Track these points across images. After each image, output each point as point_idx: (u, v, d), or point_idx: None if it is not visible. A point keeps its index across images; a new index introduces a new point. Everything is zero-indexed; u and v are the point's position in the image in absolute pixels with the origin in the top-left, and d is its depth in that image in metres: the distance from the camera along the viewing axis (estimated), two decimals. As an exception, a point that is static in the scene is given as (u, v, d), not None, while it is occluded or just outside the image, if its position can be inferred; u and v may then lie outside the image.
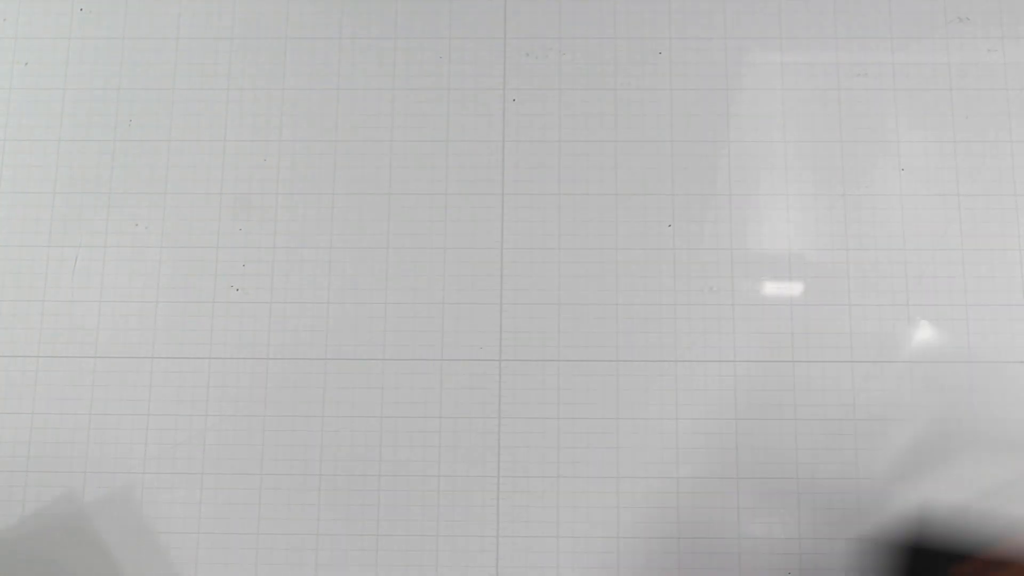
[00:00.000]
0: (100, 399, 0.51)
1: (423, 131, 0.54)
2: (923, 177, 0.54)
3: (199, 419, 0.51)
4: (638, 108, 0.54)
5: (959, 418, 0.51)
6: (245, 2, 0.56)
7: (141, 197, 0.53)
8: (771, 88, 0.55)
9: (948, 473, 0.49)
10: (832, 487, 0.49)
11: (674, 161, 0.54)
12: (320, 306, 0.52)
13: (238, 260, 0.53)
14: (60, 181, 0.54)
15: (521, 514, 0.50)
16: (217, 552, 0.49)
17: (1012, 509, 0.47)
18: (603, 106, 0.54)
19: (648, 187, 0.49)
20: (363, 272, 0.52)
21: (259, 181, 0.53)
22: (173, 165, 0.54)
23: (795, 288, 0.52)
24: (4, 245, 0.53)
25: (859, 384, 0.51)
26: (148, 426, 0.51)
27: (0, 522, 0.50)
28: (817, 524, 0.50)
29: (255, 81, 0.55)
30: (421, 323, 0.52)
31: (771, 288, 0.52)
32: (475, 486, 0.50)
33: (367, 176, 0.53)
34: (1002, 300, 0.52)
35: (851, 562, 0.47)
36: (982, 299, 0.52)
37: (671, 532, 0.49)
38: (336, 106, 0.54)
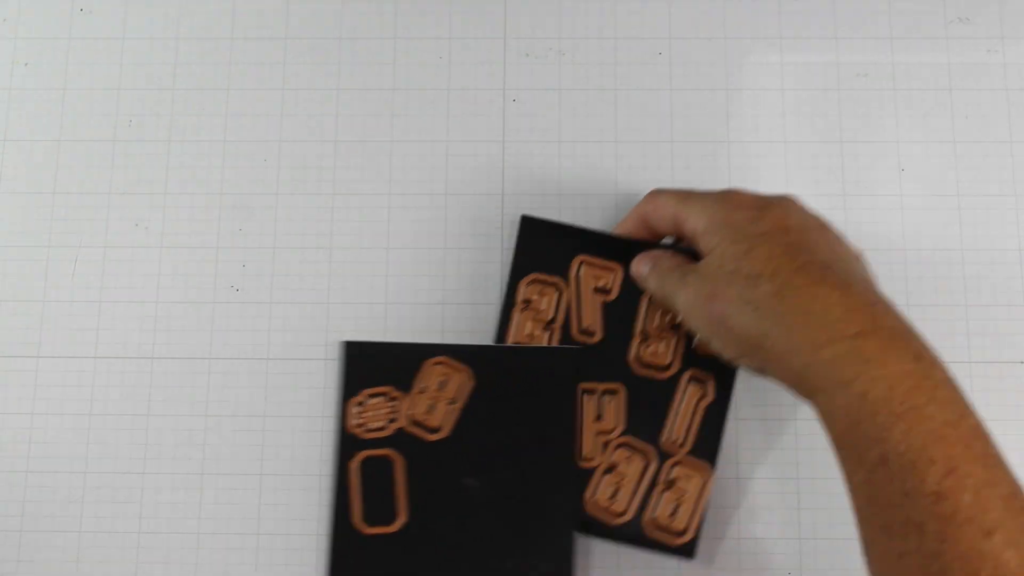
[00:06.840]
0: (100, 399, 0.51)
1: (423, 131, 0.54)
2: (923, 177, 0.54)
3: (199, 419, 0.51)
4: (638, 108, 0.54)
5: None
6: (245, 2, 0.56)
7: (141, 197, 0.53)
8: (771, 88, 0.55)
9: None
10: (832, 487, 0.49)
11: (674, 161, 0.54)
12: (320, 306, 0.52)
13: (238, 260, 0.53)
14: (60, 181, 0.53)
15: (521, 514, 0.50)
16: (217, 552, 0.49)
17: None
18: (603, 106, 0.54)
19: (648, 187, 0.49)
20: (363, 272, 0.52)
21: (259, 181, 0.53)
22: (173, 165, 0.54)
23: (795, 288, 0.52)
24: (4, 245, 0.53)
25: (859, 384, 0.51)
26: (148, 426, 0.51)
27: (0, 522, 0.50)
28: (817, 524, 0.50)
29: (255, 81, 0.55)
30: (421, 323, 0.52)
31: (771, 288, 0.52)
32: (475, 486, 0.50)
33: (367, 176, 0.53)
34: (1002, 300, 0.52)
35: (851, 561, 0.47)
36: (982, 299, 0.52)
37: (671, 532, 0.49)
38: (336, 106, 0.54)
